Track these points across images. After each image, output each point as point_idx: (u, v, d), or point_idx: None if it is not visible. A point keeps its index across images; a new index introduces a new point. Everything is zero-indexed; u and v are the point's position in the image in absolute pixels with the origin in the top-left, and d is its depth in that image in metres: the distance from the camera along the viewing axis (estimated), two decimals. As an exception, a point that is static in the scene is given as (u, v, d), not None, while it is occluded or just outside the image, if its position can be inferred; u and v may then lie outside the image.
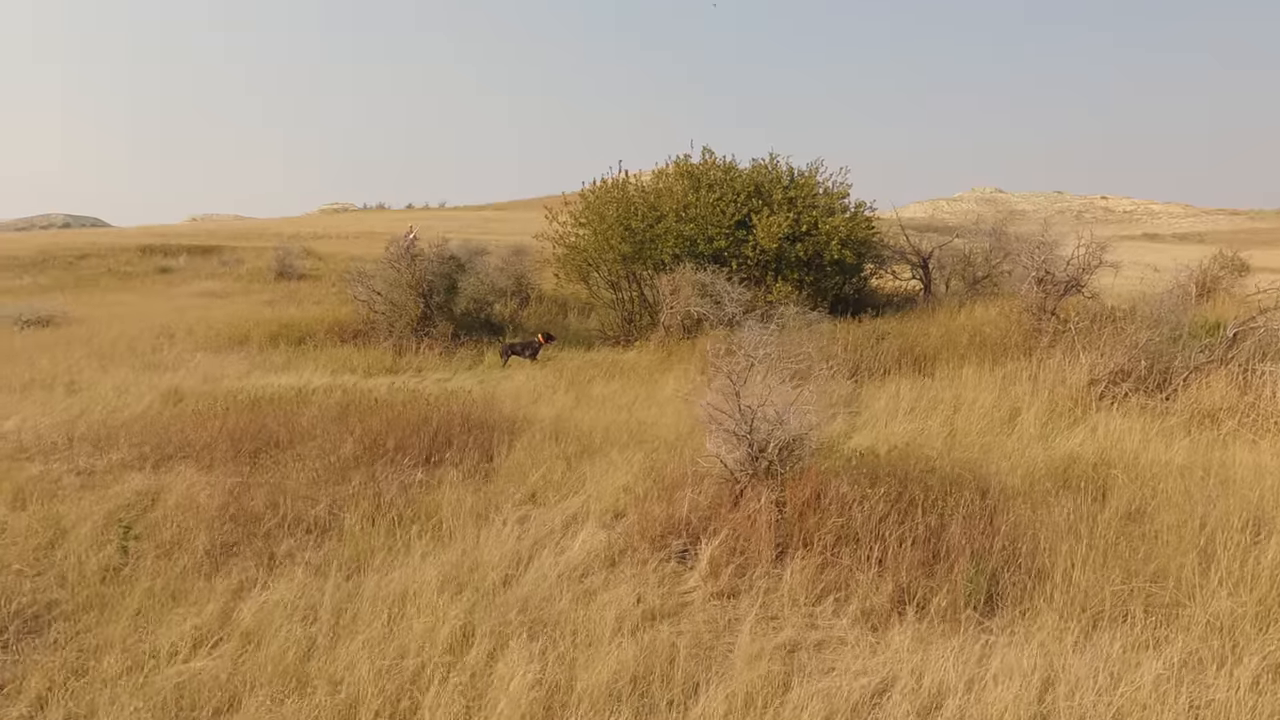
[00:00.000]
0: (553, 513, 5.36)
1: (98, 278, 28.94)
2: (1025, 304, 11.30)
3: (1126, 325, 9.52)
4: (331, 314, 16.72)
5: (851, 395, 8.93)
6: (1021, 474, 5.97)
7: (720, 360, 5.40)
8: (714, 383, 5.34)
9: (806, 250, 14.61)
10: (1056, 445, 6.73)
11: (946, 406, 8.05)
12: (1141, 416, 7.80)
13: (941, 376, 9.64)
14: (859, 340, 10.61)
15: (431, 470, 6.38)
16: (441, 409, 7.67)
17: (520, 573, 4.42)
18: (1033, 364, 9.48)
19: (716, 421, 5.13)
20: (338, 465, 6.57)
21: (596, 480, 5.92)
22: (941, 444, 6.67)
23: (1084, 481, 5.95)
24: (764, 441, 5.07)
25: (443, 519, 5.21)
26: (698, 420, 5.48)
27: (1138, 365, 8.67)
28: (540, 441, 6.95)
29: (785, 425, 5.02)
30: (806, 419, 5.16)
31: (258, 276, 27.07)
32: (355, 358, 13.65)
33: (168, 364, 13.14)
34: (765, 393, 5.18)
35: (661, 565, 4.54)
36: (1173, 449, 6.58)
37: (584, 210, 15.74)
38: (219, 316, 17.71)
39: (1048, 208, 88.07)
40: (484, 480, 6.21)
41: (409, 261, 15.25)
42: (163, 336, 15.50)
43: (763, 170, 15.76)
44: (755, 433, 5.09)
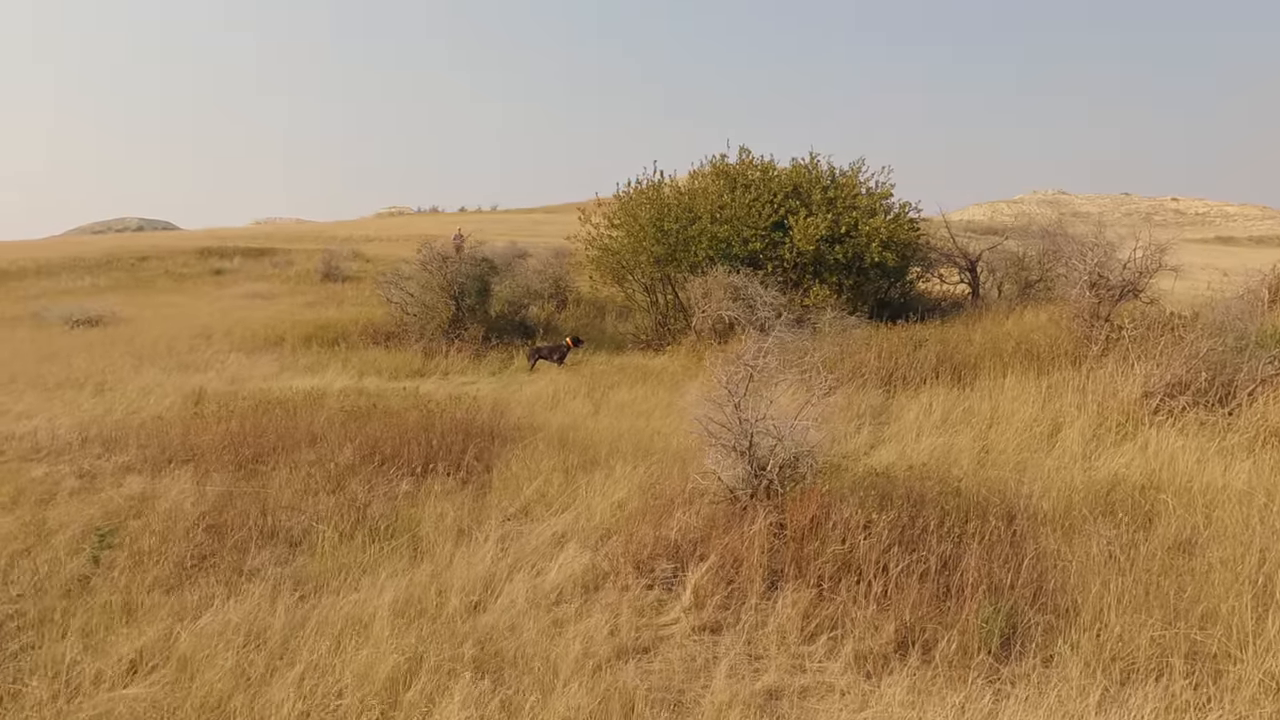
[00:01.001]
0: (540, 529, 5.04)
1: (155, 279, 29.70)
2: (1076, 310, 10.60)
3: (1186, 333, 8.80)
4: (366, 316, 16.73)
5: (882, 406, 8.43)
6: (1057, 497, 5.43)
7: (719, 368, 5.00)
8: (712, 393, 4.95)
9: (846, 253, 14.06)
10: (1100, 465, 6.16)
11: (982, 420, 7.50)
12: (1199, 434, 7.13)
13: (982, 387, 9.05)
14: (895, 347, 10.06)
15: (425, 480, 6.11)
16: (446, 416, 7.42)
17: (489, 598, 4.10)
18: (1081, 374, 8.83)
19: (712, 435, 4.74)
20: (334, 473, 6.36)
21: (593, 495, 5.57)
22: (971, 462, 6.16)
23: (1128, 507, 5.39)
24: (764, 458, 4.66)
25: (423, 534, 4.93)
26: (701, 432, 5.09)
27: (1197, 377, 7.97)
28: (544, 451, 6.63)
29: (786, 441, 4.61)
30: (809, 435, 4.73)
31: (305, 278, 27.44)
32: (384, 360, 13.57)
33: (200, 365, 13.24)
34: (765, 406, 4.77)
35: (645, 592, 4.17)
36: (1232, 471, 5.94)
37: (617, 212, 15.44)
38: (259, 318, 17.90)
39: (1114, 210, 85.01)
40: (478, 492, 5.92)
41: (440, 264, 15.14)
42: (201, 337, 15.68)
43: (802, 170, 15.25)
44: (755, 448, 4.68)
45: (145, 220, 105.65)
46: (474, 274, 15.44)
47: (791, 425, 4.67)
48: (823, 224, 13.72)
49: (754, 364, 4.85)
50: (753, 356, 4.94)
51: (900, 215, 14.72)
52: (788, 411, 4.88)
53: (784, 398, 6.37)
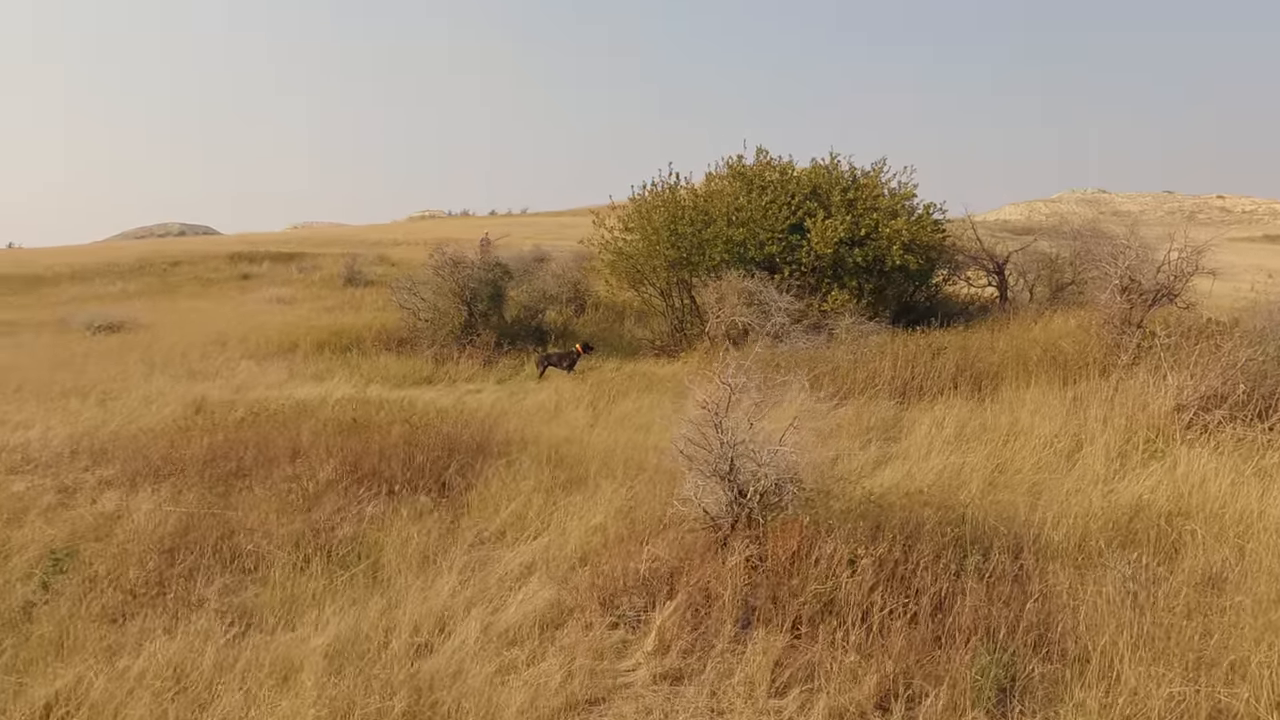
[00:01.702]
0: (510, 557, 4.73)
1: (183, 284, 30.01)
2: (1106, 315, 10.05)
3: (1224, 341, 8.25)
4: (380, 321, 16.60)
5: (894, 419, 8.00)
6: (1072, 525, 4.99)
7: (698, 385, 4.66)
8: (691, 412, 4.60)
9: (866, 256, 13.59)
10: (1124, 488, 5.69)
11: (999, 435, 7.04)
12: (1235, 452, 6.62)
13: (1003, 398, 8.57)
14: (912, 355, 9.61)
15: (402, 500, 5.84)
16: (433, 430, 7.15)
17: (439, 638, 3.80)
18: (1109, 385, 8.32)
19: (689, 458, 4.40)
20: (312, 492, 6.12)
21: (571, 518, 5.26)
22: (981, 484, 5.73)
23: (1151, 537, 4.94)
24: (744, 484, 4.31)
25: (385, 562, 4.65)
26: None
27: (1235, 389, 7.43)
28: (530, 468, 6.33)
29: (767, 466, 4.25)
30: (791, 459, 4.36)
31: (328, 283, 27.50)
32: (394, 367, 13.40)
33: (210, 372, 13.17)
34: (746, 427, 4.41)
35: (608, 633, 3.84)
36: (1270, 496, 5.45)
37: (631, 215, 15.13)
38: (275, 323, 17.86)
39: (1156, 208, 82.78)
40: (454, 513, 5.63)
41: (452, 269, 14.95)
42: (216, 343, 15.66)
43: (821, 171, 14.80)
44: (737, 473, 4.33)
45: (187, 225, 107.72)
46: (486, 279, 15.22)
47: (773, 449, 4.30)
48: (841, 226, 13.27)
49: (734, 381, 4.49)
50: (732, 373, 4.57)
51: (923, 217, 14.21)
52: (773, 433, 4.51)
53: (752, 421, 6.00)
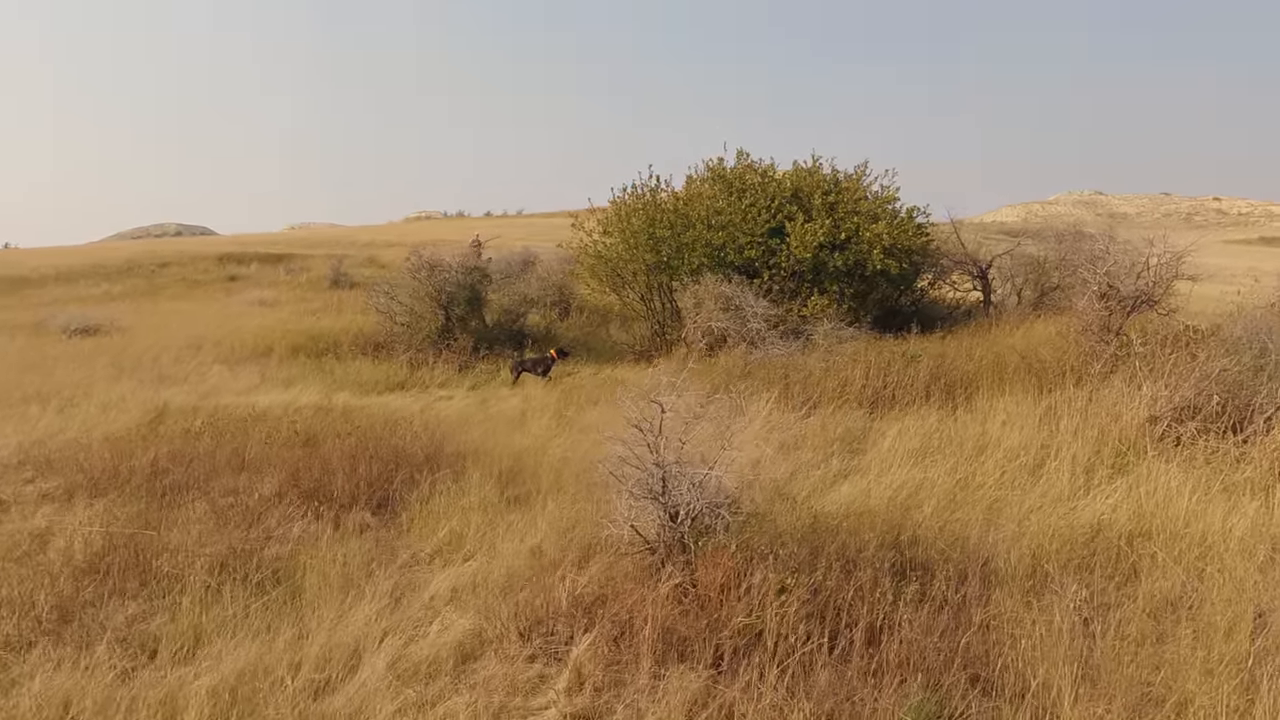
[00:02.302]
0: (439, 580, 4.53)
1: (169, 286, 29.78)
2: (1084, 322, 9.86)
3: (1200, 349, 8.06)
4: (358, 325, 16.39)
5: (862, 430, 7.80)
6: (1027, 546, 4.80)
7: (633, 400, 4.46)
8: (625, 431, 4.41)
9: (847, 260, 13.40)
10: (1086, 505, 5.49)
11: (966, 447, 6.85)
12: (1207, 466, 6.43)
13: (976, 408, 8.38)
14: (886, 363, 9.41)
15: (342, 516, 5.64)
16: (384, 443, 6.95)
17: (345, 673, 3.60)
18: (1083, 395, 8.13)
19: (619, 478, 4.21)
20: (253, 507, 5.92)
21: (511, 538, 5.06)
22: (939, 501, 5.52)
23: (1110, 559, 4.75)
24: (675, 508, 4.11)
25: (307, 586, 4.45)
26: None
27: (1209, 400, 7.24)
28: (479, 482, 6.13)
29: (700, 488, 4.05)
30: (722, 481, 4.16)
31: (314, 285, 27.27)
32: (368, 372, 13.20)
33: (180, 377, 12.96)
34: (678, 446, 4.21)
35: (526, 666, 3.64)
36: (1236, 515, 5.26)
37: (610, 218, 14.95)
38: (253, 326, 17.65)
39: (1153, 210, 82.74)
40: (393, 531, 5.44)
41: (429, 272, 14.74)
42: (191, 347, 15.45)
43: (803, 174, 14.61)
44: (669, 494, 4.13)
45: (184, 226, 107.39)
46: (464, 283, 15.01)
47: (706, 471, 4.11)
48: (821, 230, 13.08)
49: (665, 400, 4.29)
50: (662, 388, 4.37)
51: (905, 220, 14.01)
52: (712, 451, 4.31)
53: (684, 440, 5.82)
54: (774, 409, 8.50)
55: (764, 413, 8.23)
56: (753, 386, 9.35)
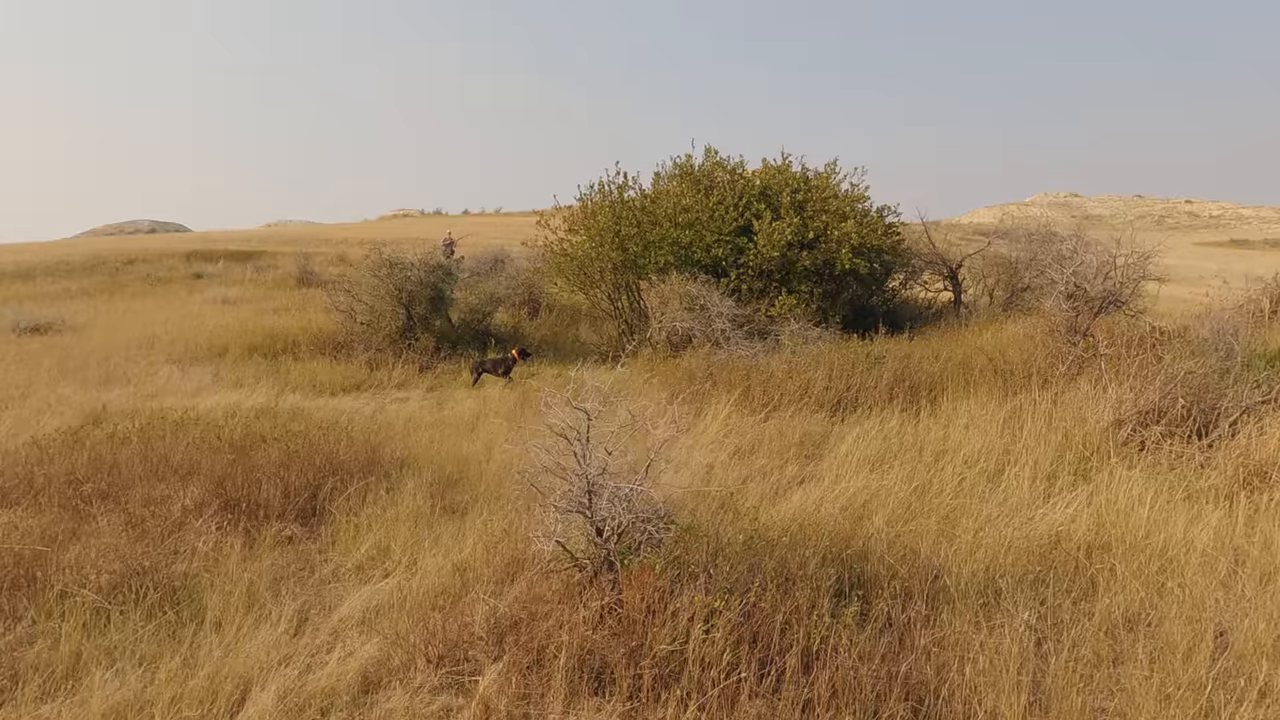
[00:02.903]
0: (354, 599, 4.21)
1: (131, 283, 29.06)
2: (1052, 323, 9.69)
3: (1166, 351, 7.89)
4: (319, 324, 15.95)
5: (822, 434, 7.56)
6: (981, 560, 4.57)
7: (555, 408, 4.17)
8: (547, 440, 4.11)
9: (815, 260, 13.18)
10: (1045, 515, 5.27)
11: (925, 453, 6.62)
12: (1171, 472, 6.24)
13: (940, 411, 8.17)
14: (849, 364, 9.18)
15: (266, 528, 5.30)
16: (319, 447, 6.60)
17: (227, 711, 3.27)
18: (1048, 397, 7.94)
19: (540, 491, 3.92)
20: (173, 518, 5.57)
21: (438, 552, 4.75)
22: (892, 511, 5.28)
23: (1068, 573, 4.53)
24: (601, 522, 3.82)
25: (212, 605, 4.11)
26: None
27: (1174, 404, 7.07)
28: (414, 490, 5.81)
29: (623, 502, 3.76)
30: (652, 494, 3.88)
31: (281, 283, 26.72)
32: (325, 373, 12.78)
33: (128, 377, 12.50)
34: (603, 455, 3.92)
35: (431, 698, 3.34)
36: (1199, 524, 5.05)
37: (577, 216, 14.65)
38: (211, 325, 17.16)
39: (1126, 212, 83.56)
40: (318, 544, 5.11)
41: (389, 270, 14.36)
42: (143, 346, 14.96)
43: (772, 171, 14.39)
44: (595, 509, 3.84)
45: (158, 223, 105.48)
46: (426, 281, 14.63)
47: (633, 485, 3.82)
48: (789, 229, 12.85)
49: (582, 405, 4.00)
50: (590, 391, 4.08)
51: (875, 219, 13.81)
52: (629, 463, 4.03)
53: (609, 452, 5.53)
54: (733, 412, 8.24)
55: (722, 416, 7.97)
56: (713, 388, 9.10)
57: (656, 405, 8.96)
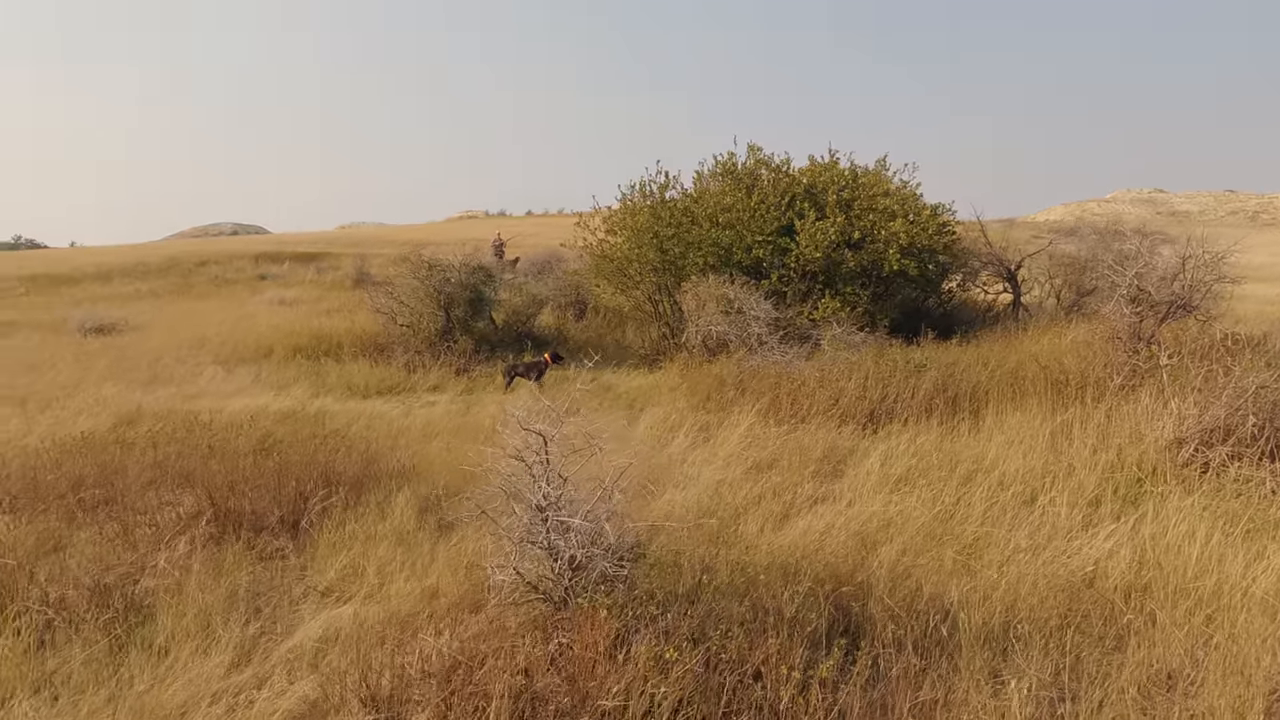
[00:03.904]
0: (308, 628, 3.98)
1: (199, 284, 30.06)
2: (1113, 330, 8.96)
3: (1236, 363, 7.15)
4: (363, 326, 16.06)
5: (849, 449, 7.08)
6: (1001, 600, 4.07)
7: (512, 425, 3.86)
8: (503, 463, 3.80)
9: (861, 261, 12.60)
10: (1083, 547, 4.72)
11: (956, 472, 6.09)
12: (1236, 499, 5.59)
13: (983, 425, 7.59)
14: (887, 372, 8.64)
15: (252, 541, 5.15)
16: (321, 455, 6.45)
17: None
18: (1102, 411, 7.29)
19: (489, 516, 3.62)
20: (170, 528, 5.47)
21: (412, 575, 4.50)
22: (910, 538, 4.80)
23: (1101, 618, 4.00)
24: (558, 554, 3.49)
25: (161, 630, 3.94)
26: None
27: (1244, 421, 6.37)
28: (403, 506, 5.60)
29: (579, 533, 3.42)
30: (608, 522, 3.52)
31: (338, 285, 27.24)
32: (363, 375, 12.79)
33: (173, 378, 12.75)
34: (560, 484, 3.58)
35: (362, 746, 3.07)
36: (1262, 563, 4.44)
37: (617, 216, 14.36)
38: (263, 326, 17.47)
39: (1216, 208, 79.26)
40: (300, 561, 4.93)
41: (428, 271, 14.32)
42: (194, 348, 15.29)
43: (819, 169, 13.82)
44: (552, 538, 3.52)
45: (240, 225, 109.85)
46: (466, 283, 14.54)
47: (588, 511, 3.48)
48: (833, 229, 12.29)
49: (531, 425, 3.68)
50: (531, 414, 3.76)
51: (927, 218, 13.12)
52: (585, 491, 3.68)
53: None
54: (757, 422, 7.83)
55: (744, 426, 7.56)
56: (740, 396, 8.68)
57: (678, 414, 8.63)
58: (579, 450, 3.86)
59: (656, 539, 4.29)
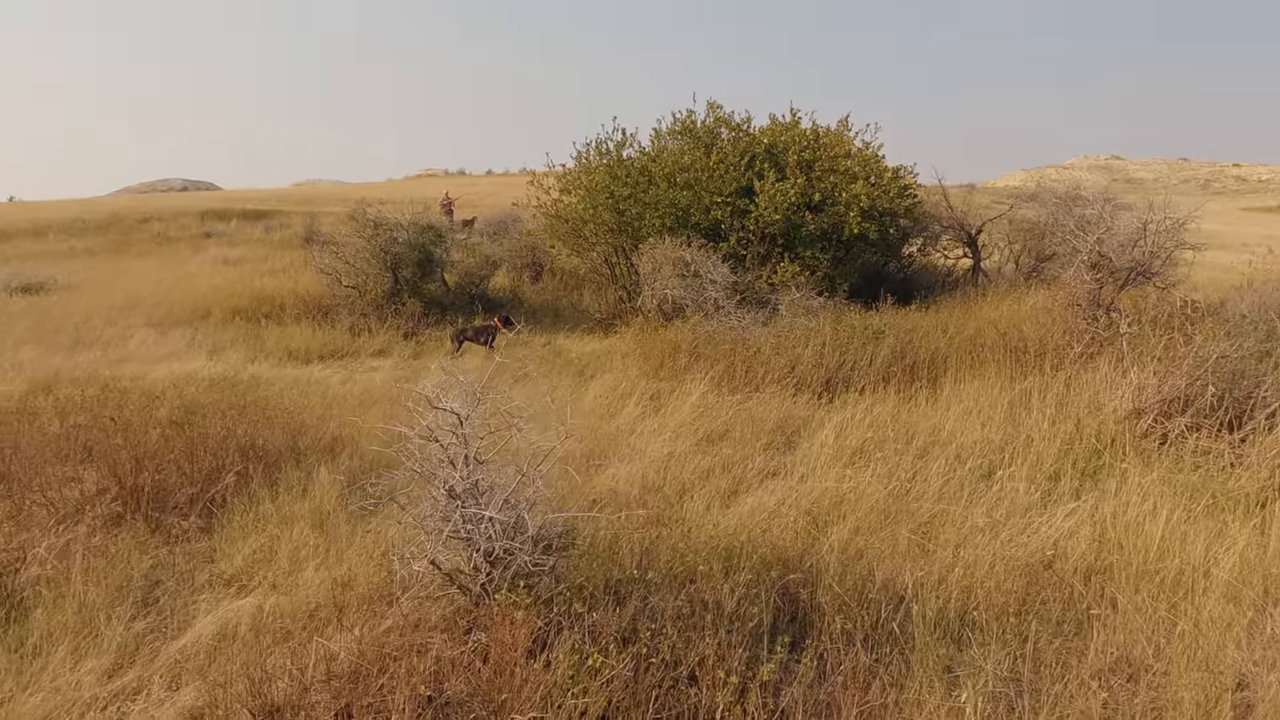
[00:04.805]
0: (203, 624, 3.60)
1: (140, 242, 28.77)
2: (1072, 296, 8.80)
3: (1197, 330, 7.01)
4: (306, 286, 15.39)
5: (805, 419, 6.82)
6: (957, 584, 3.84)
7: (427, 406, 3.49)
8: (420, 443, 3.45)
9: (822, 224, 12.29)
10: (1042, 526, 4.52)
11: (913, 444, 5.86)
12: (1195, 471, 5.44)
13: (940, 394, 7.39)
14: (845, 339, 8.38)
15: (158, 523, 4.73)
16: (242, 426, 6.00)
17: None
18: (1061, 379, 7.12)
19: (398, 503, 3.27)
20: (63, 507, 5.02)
21: (326, 561, 4.13)
22: (863, 517, 4.55)
23: (1060, 604, 3.79)
24: (477, 543, 3.15)
25: (34, 628, 3.53)
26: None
27: (1203, 392, 6.23)
28: (325, 483, 5.20)
29: (494, 524, 3.09)
30: (523, 518, 3.19)
31: (286, 243, 26.24)
32: (304, 338, 12.22)
33: (99, 342, 12.08)
34: (476, 469, 3.24)
35: (248, 762, 2.73)
36: (1223, 541, 4.27)
37: (571, 175, 13.85)
38: (203, 286, 16.69)
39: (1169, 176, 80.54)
40: (208, 544, 4.53)
41: (373, 230, 13.71)
42: (126, 308, 14.52)
43: (780, 129, 13.42)
44: (469, 527, 3.18)
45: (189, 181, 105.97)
46: (414, 242, 13.96)
47: (510, 494, 3.14)
48: (793, 190, 11.95)
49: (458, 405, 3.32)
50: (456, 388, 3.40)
51: (888, 181, 12.83)
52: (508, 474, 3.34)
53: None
54: (711, 390, 7.53)
55: (696, 395, 7.26)
56: (694, 363, 8.37)
57: (629, 382, 8.30)
58: (499, 429, 3.51)
59: (594, 522, 3.97)
